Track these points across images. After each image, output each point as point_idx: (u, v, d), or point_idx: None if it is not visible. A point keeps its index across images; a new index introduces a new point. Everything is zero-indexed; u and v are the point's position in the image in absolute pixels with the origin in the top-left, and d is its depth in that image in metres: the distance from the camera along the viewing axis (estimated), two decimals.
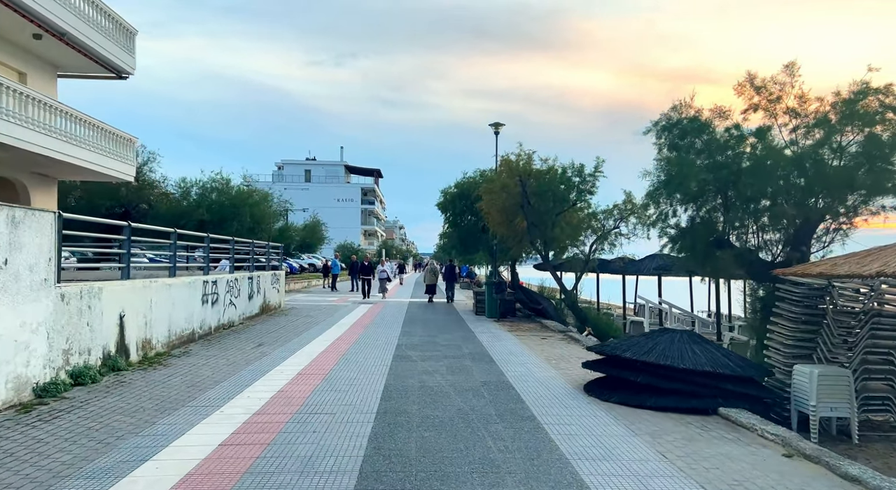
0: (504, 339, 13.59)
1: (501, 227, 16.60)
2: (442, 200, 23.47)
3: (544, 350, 11.88)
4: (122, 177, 18.26)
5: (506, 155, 16.74)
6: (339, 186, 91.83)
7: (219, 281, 13.98)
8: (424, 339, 13.11)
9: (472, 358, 10.70)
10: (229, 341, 12.36)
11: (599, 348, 8.16)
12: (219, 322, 13.96)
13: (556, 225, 16.28)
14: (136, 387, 7.82)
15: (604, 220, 15.82)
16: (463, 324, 16.70)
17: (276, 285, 19.81)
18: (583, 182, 16.32)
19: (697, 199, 8.83)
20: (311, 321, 16.50)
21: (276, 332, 13.95)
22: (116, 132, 17.72)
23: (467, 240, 22.99)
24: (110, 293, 8.86)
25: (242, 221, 28.47)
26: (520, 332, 15.02)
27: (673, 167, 8.72)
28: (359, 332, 14.11)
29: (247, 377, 8.62)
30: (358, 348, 11.62)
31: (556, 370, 9.64)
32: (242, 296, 15.93)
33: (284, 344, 12.06)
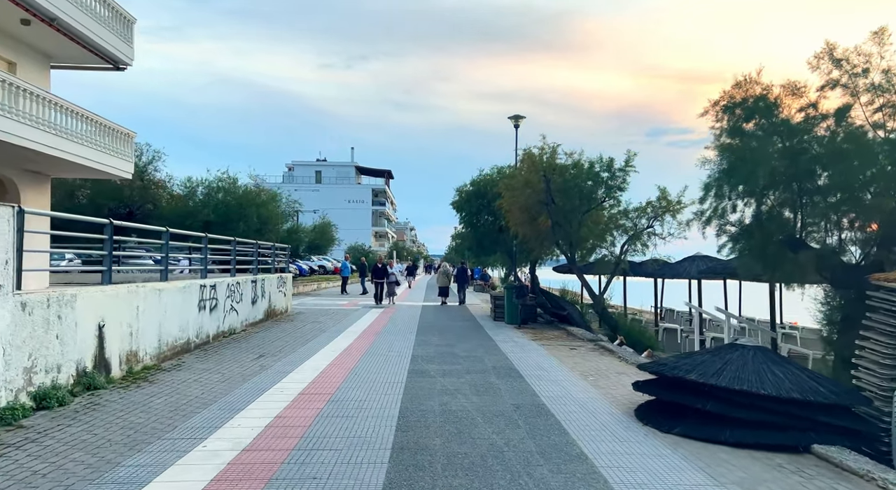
0: (529, 349, 12.34)
1: (523, 226, 15.36)
2: (457, 199, 22.27)
3: (577, 363, 10.62)
4: (121, 174, 17.24)
5: (528, 149, 15.55)
6: (350, 187, 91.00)
7: (218, 285, 12.86)
8: (442, 350, 11.90)
9: (497, 373, 9.47)
10: (228, 352, 11.22)
11: (657, 369, 6.89)
12: (218, 330, 12.84)
13: (582, 224, 15.01)
14: (110, 411, 6.67)
15: (636, 218, 14.53)
16: (481, 331, 15.47)
17: (282, 289, 18.70)
18: (612, 177, 15.04)
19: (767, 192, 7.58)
20: (318, 328, 15.34)
21: (280, 341, 12.80)
22: (113, 126, 16.70)
23: (484, 241, 21.75)
24: (87, 301, 7.74)
25: (249, 222, 27.44)
26: (545, 340, 13.76)
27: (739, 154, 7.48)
28: (370, 341, 12.92)
29: (241, 398, 7.45)
30: (369, 361, 10.43)
31: (596, 389, 8.38)
32: (245, 301, 14.81)
33: (288, 355, 10.90)
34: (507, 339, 13.91)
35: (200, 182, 29.38)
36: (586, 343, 13.27)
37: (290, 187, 72.39)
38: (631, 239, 14.46)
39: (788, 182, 7.26)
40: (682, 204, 14.23)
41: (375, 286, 23.67)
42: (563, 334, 14.95)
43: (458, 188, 22.20)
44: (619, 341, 13.61)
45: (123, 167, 17.30)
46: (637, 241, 14.44)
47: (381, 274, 23.68)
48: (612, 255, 14.70)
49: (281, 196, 32.43)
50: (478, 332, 15.25)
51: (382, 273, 23.64)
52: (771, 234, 7.67)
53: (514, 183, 15.72)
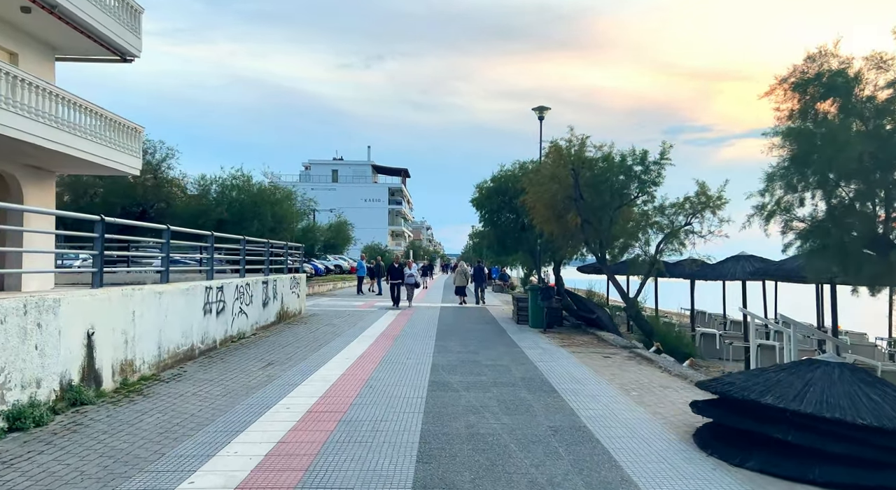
0: (559, 356, 11.37)
1: (549, 223, 14.38)
2: (477, 196, 21.32)
3: (614, 374, 9.63)
4: (128, 170, 16.58)
5: (554, 141, 14.55)
6: (367, 186, 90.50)
7: (226, 286, 12.09)
8: (464, 357, 10.99)
9: (527, 386, 8.52)
10: (234, 359, 10.43)
11: (723, 388, 5.90)
12: (226, 334, 12.07)
13: (614, 222, 13.98)
14: (92, 433, 5.86)
15: (672, 215, 13.47)
16: (505, 335, 14.53)
17: (295, 290, 17.93)
18: (646, 171, 13.99)
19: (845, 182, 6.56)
20: (332, 331, 14.52)
21: (291, 346, 11.99)
22: (120, 120, 16.04)
23: (505, 239, 20.78)
24: (73, 306, 6.96)
25: (263, 221, 26.81)
26: (574, 346, 12.77)
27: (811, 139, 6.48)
28: (386, 347, 12.05)
29: (241, 416, 6.61)
30: (385, 370, 9.55)
31: (642, 408, 7.40)
32: (255, 303, 14.04)
33: (298, 363, 10.07)
34: (534, 344, 12.95)
35: (214, 180, 28.85)
36: (620, 350, 12.26)
37: (306, 186, 72.08)
38: (667, 237, 13.40)
39: (872, 171, 6.26)
40: (724, 199, 13.16)
41: (392, 288, 22.18)
42: (594, 340, 13.94)
43: (478, 185, 21.27)
44: (656, 348, 12.58)
45: (131, 163, 16.63)
46: (674, 239, 13.38)
47: (397, 274, 22.21)
48: (646, 255, 13.66)
49: (296, 194, 31.76)
50: (501, 336, 14.31)
51: (399, 274, 22.20)
52: (850, 230, 6.66)
53: (540, 178, 14.74)
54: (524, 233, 20.26)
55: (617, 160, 14.11)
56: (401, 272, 22.03)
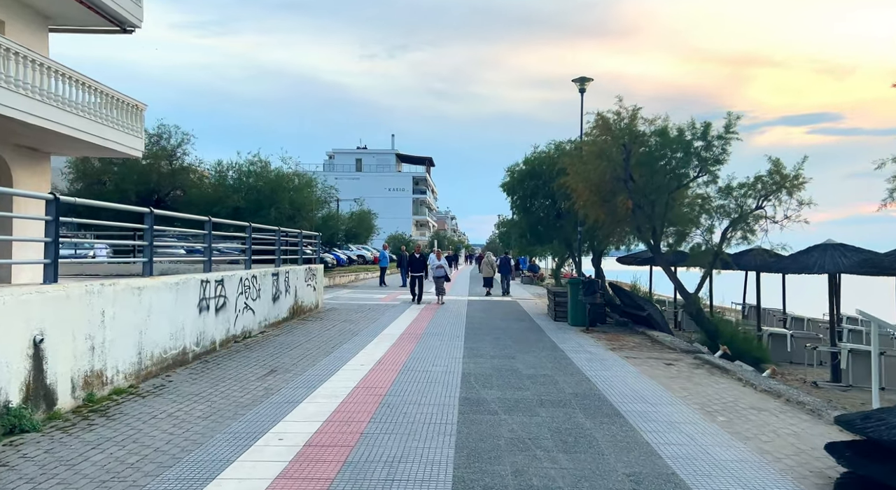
0: (611, 363, 9.64)
1: (594, 208, 12.58)
2: (507, 180, 19.53)
3: (686, 388, 7.87)
4: (129, 152, 15.25)
5: (600, 113, 12.67)
6: (390, 175, 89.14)
7: (227, 280, 10.63)
8: (499, 364, 9.34)
9: (583, 406, 6.84)
10: (233, 364, 8.96)
11: (877, 433, 4.13)
12: (227, 334, 10.63)
13: (670, 206, 12.12)
14: (8, 482, 4.38)
15: (741, 197, 11.55)
16: (542, 335, 12.83)
17: (311, 282, 16.47)
18: (707, 147, 12.07)
19: None
20: (349, 329, 13.00)
21: (300, 348, 10.50)
22: (120, 97, 14.69)
23: (539, 228, 18.98)
24: (9, 308, 5.49)
25: (281, 208, 25.45)
26: (626, 350, 11.02)
27: None
28: (408, 350, 10.47)
29: (218, 452, 5.08)
30: (406, 382, 7.96)
31: (740, 442, 5.66)
32: (264, 298, 12.59)
33: (305, 371, 8.55)
34: (578, 347, 11.23)
35: (230, 166, 27.57)
36: (682, 355, 10.47)
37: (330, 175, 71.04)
38: (734, 223, 11.50)
39: None
40: (802, 178, 11.19)
41: (412, 281, 19.36)
42: (647, 342, 12.15)
43: (509, 168, 19.47)
44: (722, 352, 10.76)
45: (133, 144, 15.30)
46: (742, 225, 11.47)
47: (419, 266, 19.42)
48: (708, 244, 11.78)
49: (316, 181, 30.34)
50: (538, 336, 12.61)
51: (420, 265, 19.44)
52: None
53: (584, 156, 12.91)
54: (560, 220, 18.45)
55: (674, 135, 12.22)
56: (422, 263, 19.46)
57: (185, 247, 26.89)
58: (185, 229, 15.51)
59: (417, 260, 19.56)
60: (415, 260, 19.65)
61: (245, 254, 12.24)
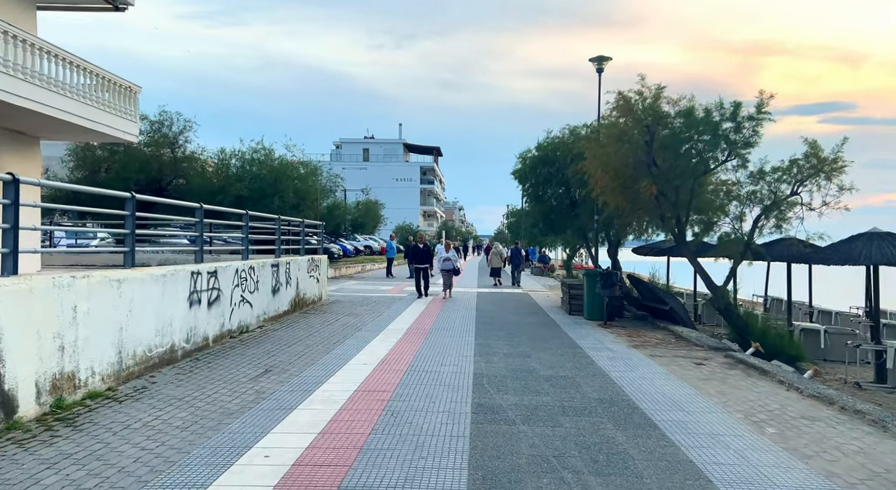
0: (636, 362, 8.86)
1: (615, 195, 11.74)
2: (519, 167, 18.69)
3: (724, 393, 7.08)
4: (123, 136, 14.56)
5: (621, 93, 11.78)
6: (398, 165, 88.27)
7: (221, 271, 9.91)
8: (514, 363, 8.59)
9: (611, 415, 6.07)
10: (225, 363, 8.26)
11: None
12: (222, 329, 9.93)
13: (696, 193, 11.27)
14: None
15: (774, 183, 10.68)
16: (558, 330, 12.06)
17: (314, 273, 15.76)
18: (737, 129, 11.18)
19: None
20: (353, 324, 12.29)
21: (300, 344, 9.79)
22: (113, 78, 13.98)
23: (552, 217, 18.14)
24: None
25: (285, 197, 24.73)
26: (649, 347, 10.22)
27: None
28: (415, 347, 9.73)
29: (191, 475, 4.36)
30: (413, 384, 7.22)
31: (799, 460, 4.87)
32: (262, 290, 11.88)
33: (302, 371, 7.83)
34: (598, 344, 10.45)
35: (233, 154, 26.86)
36: (712, 353, 9.66)
37: (337, 166, 70.47)
38: (767, 210, 10.63)
39: None
40: (842, 161, 10.30)
41: (416, 273, 17.92)
42: (670, 338, 11.35)
43: (521, 154, 18.61)
44: (754, 350, 9.95)
45: (126, 128, 14.60)
46: (776, 212, 10.60)
47: (423, 257, 17.82)
48: (738, 233, 10.92)
49: (322, 170, 29.59)
50: (554, 332, 11.83)
51: (425, 256, 17.83)
52: None
53: (604, 139, 12.04)
54: (575, 208, 17.62)
55: (700, 116, 11.33)
56: (426, 254, 17.96)
57: (189, 236, 26.30)
58: (189, 218, 14.87)
59: (421, 251, 18.11)
60: (418, 251, 18.20)
61: (242, 244, 11.50)
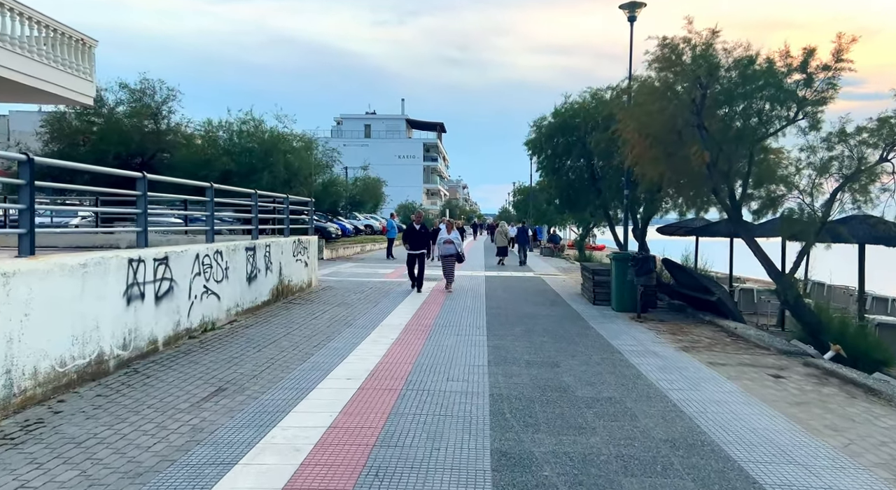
0: (695, 375, 6.94)
1: (654, 163, 9.71)
2: (533, 137, 16.62)
3: (838, 428, 5.17)
4: (76, 98, 12.57)
5: (665, 38, 9.66)
6: (400, 142, 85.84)
7: (174, 258, 8.00)
8: (540, 377, 6.70)
9: (696, 474, 4.18)
10: (168, 378, 6.39)
11: None
12: (177, 328, 8.06)
13: (758, 160, 9.25)
14: None
15: (856, 147, 8.65)
16: (585, 326, 10.16)
17: (301, 257, 13.86)
18: (808, 83, 9.10)
19: None
20: (343, 317, 10.42)
21: (272, 348, 7.92)
22: (62, 29, 11.92)
23: (570, 192, 16.13)
24: None
25: (275, 172, 22.76)
26: (703, 350, 8.31)
27: None
28: (413, 353, 7.85)
29: None
30: (408, 416, 5.34)
31: None
32: (234, 278, 9.99)
33: (265, 390, 5.96)
34: (637, 345, 8.54)
35: (220, 125, 24.79)
36: (784, 359, 7.74)
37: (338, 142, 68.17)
38: (848, 181, 8.61)
39: None
40: None
41: (410, 261, 14.29)
42: (723, 336, 9.43)
43: (535, 122, 16.51)
44: (835, 353, 8.03)
45: (80, 88, 12.57)
46: (857, 183, 8.58)
47: (419, 241, 14.23)
48: (808, 211, 8.92)
49: (317, 143, 27.52)
50: (581, 328, 9.93)
51: (421, 240, 14.27)
52: None
53: (643, 96, 9.97)
54: (596, 183, 15.60)
55: (763, 68, 9.23)
56: (424, 237, 14.43)
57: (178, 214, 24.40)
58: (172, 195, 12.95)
59: (418, 232, 14.35)
60: (414, 232, 14.37)
61: (207, 223, 9.57)
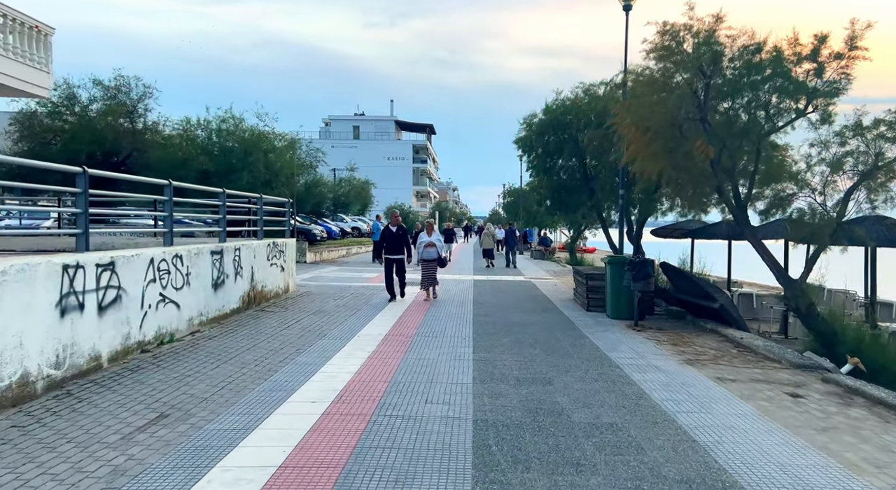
0: (704, 394, 6.20)
1: (654, 159, 8.98)
2: (523, 135, 15.88)
3: (880, 464, 4.43)
4: (31, 90, 11.65)
5: (665, 24, 8.94)
6: (389, 143, 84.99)
7: (121, 263, 7.15)
8: (531, 397, 5.93)
9: None
10: (103, 403, 5.55)
11: None
12: (126, 341, 7.20)
13: (766, 157, 8.55)
14: None
15: (873, 140, 7.97)
16: (579, 335, 9.41)
17: (276, 261, 13.01)
18: (819, 71, 8.42)
19: None
20: (317, 327, 9.59)
21: (232, 363, 7.09)
22: (12, 13, 11.01)
23: (563, 193, 15.39)
24: None
25: (255, 172, 21.87)
26: (709, 363, 7.57)
27: None
28: (391, 369, 7.04)
29: None
30: (377, 450, 4.54)
31: None
32: (196, 285, 9.13)
33: (212, 419, 5.14)
34: (637, 357, 7.79)
35: (199, 124, 23.86)
36: (799, 374, 7.02)
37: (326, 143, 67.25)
38: (865, 178, 7.93)
39: None
40: None
41: (387, 268, 12.83)
42: (728, 346, 8.70)
43: (525, 119, 15.78)
44: (853, 366, 7.33)
45: (35, 80, 11.65)
46: (878, 180, 7.89)
47: (397, 245, 12.70)
48: (822, 209, 8.23)
49: (300, 143, 26.62)
50: (574, 338, 9.17)
51: (398, 244, 12.71)
52: None
53: (641, 88, 9.23)
54: (589, 183, 14.89)
55: (772, 56, 8.53)
56: (402, 240, 12.81)
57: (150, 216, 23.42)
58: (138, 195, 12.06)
59: (395, 235, 12.82)
60: (391, 235, 12.84)
61: (165, 224, 8.70)
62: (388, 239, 12.90)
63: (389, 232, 12.99)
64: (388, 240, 12.89)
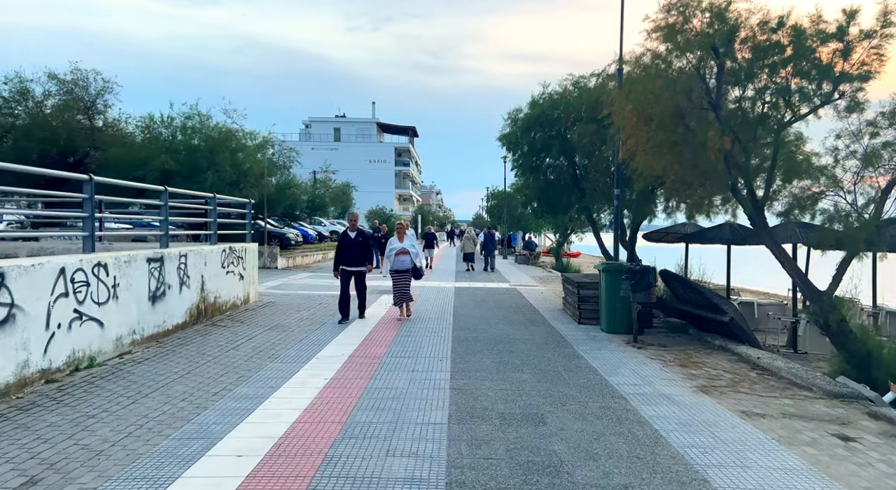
0: (731, 436, 5.02)
1: (658, 154, 7.83)
2: (508, 132, 14.70)
3: None
4: None
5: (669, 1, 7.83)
6: (371, 146, 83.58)
7: (16, 275, 5.79)
8: (521, 447, 4.70)
9: None
10: None
11: None
12: (23, 370, 5.84)
13: (786, 152, 7.44)
14: None
15: None
16: (571, 353, 8.21)
17: (234, 268, 11.65)
18: (846, 53, 7.35)
19: None
20: (271, 346, 8.26)
21: (153, 397, 5.76)
22: None
23: (550, 194, 14.22)
24: None
25: (221, 172, 20.41)
26: (727, 390, 6.41)
27: None
28: (349, 403, 5.76)
29: None
30: None
31: None
32: (129, 297, 7.76)
33: (101, 485, 3.80)
34: (645, 386, 6.60)
35: (163, 121, 22.33)
36: (838, 405, 5.88)
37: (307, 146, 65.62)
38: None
39: None
40: None
41: (344, 281, 10.51)
42: (743, 367, 7.55)
43: (510, 114, 14.60)
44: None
45: None
46: None
47: (356, 254, 10.38)
48: (854, 210, 7.13)
49: (272, 142, 25.18)
50: (569, 359, 7.96)
51: (360, 252, 10.40)
52: None
53: (642, 74, 8.06)
54: (579, 183, 13.75)
55: (795, 31, 7.44)
56: (363, 248, 10.47)
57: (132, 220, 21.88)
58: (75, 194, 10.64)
59: (353, 242, 10.42)
60: (349, 242, 10.43)
61: (85, 228, 7.32)
62: (344, 247, 10.40)
63: (347, 238, 10.45)
64: (344, 248, 10.39)
